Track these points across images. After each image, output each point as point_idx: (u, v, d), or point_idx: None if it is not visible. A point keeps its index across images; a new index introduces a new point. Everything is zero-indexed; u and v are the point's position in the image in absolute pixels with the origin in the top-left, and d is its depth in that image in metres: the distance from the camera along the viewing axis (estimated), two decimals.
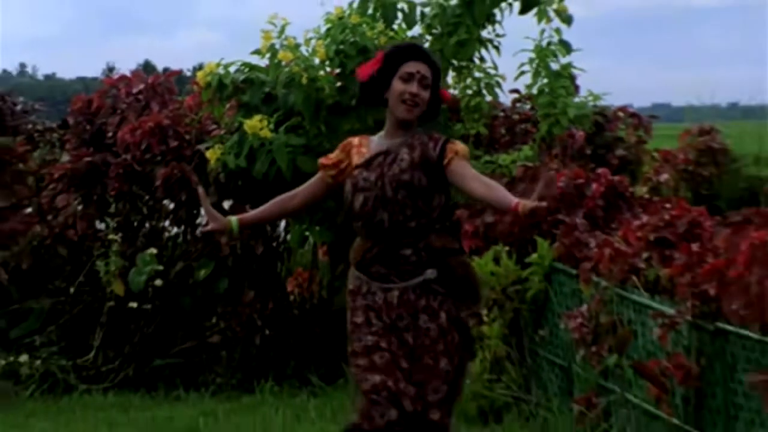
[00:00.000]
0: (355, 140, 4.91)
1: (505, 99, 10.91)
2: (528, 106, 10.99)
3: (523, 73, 10.07)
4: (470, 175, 4.78)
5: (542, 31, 9.93)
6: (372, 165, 4.73)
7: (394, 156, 4.72)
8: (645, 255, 7.07)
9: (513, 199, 4.50)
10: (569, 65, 9.93)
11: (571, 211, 8.25)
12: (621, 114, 11.43)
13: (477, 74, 10.03)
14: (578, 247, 7.83)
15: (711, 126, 11.74)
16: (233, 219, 5.01)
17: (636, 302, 6.89)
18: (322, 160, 4.98)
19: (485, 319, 8.26)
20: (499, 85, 10.16)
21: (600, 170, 8.77)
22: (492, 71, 10.08)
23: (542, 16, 9.77)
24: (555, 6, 9.76)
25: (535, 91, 10.07)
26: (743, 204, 10.25)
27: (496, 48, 10.03)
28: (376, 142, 4.85)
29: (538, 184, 4.39)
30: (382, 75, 4.73)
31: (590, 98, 10.26)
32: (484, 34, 9.94)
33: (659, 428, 6.64)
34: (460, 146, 4.82)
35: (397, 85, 4.66)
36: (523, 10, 9.83)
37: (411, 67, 4.67)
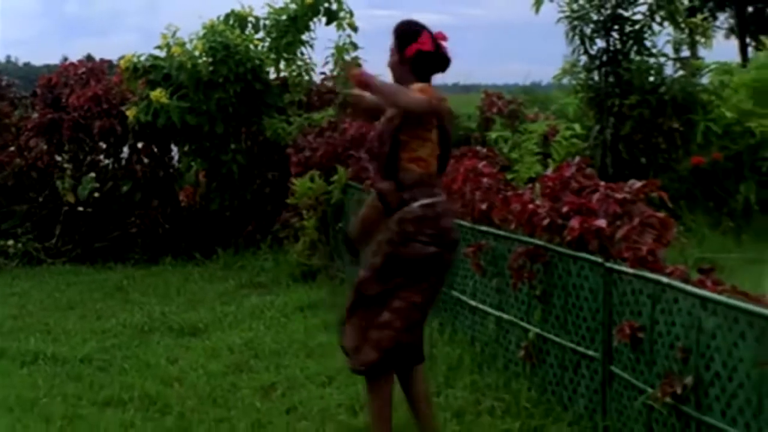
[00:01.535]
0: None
1: (317, 78, 12.57)
2: (331, 83, 12.38)
3: (328, 62, 12.30)
4: None
5: (339, 36, 12.17)
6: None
7: None
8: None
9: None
10: (357, 57, 12.01)
11: (359, 149, 9.66)
12: None
13: (299, 63, 12.29)
14: (363, 171, 9.03)
15: (443, 96, 13.50)
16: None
17: None
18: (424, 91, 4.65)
19: (304, 214, 9.88)
20: (313, 69, 12.42)
21: (376, 123, 10.98)
22: (309, 60, 12.38)
23: (339, 26, 12.14)
24: (347, 21, 12.07)
25: (335, 73, 12.26)
26: (461, 144, 11.18)
27: (311, 46, 12.34)
28: None
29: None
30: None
31: None
32: (304, 37, 12.21)
33: None
34: None
35: None
36: (328, 23, 12.16)
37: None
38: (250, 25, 12.17)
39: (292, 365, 6.93)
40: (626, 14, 10.95)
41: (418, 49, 4.67)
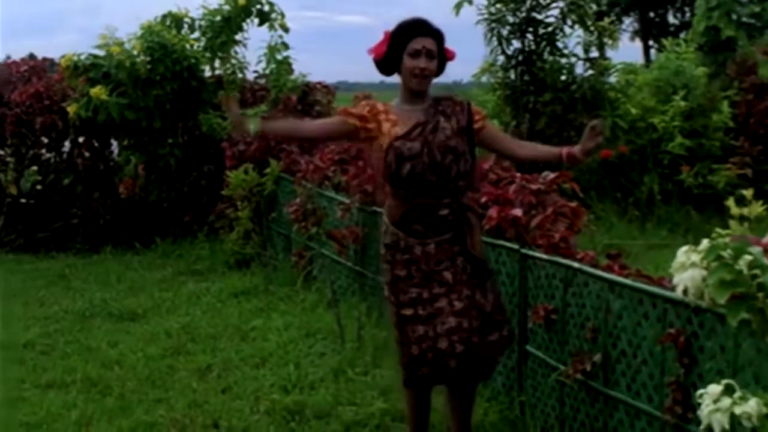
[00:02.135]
0: (379, 105, 4.42)
1: (250, 76, 12.30)
2: (263, 81, 12.13)
3: (260, 61, 12.06)
4: (506, 139, 4.56)
5: (271, 36, 11.98)
6: (412, 135, 4.27)
7: (434, 125, 4.29)
8: (333, 168, 8.04)
9: (558, 150, 4.41)
10: (288, 57, 11.97)
11: (290, 143, 9.27)
12: (318, 86, 12.28)
13: (233, 61, 12.04)
14: (294, 164, 9.00)
15: (369, 93, 12.33)
16: (254, 120, 4.48)
17: (327, 196, 7.82)
18: (342, 109, 4.51)
19: (239, 205, 9.72)
20: (246, 67, 12.15)
21: (306, 118, 9.19)
22: (242, 59, 12.12)
23: (271, 27, 11.92)
24: (279, 22, 11.91)
25: (268, 71, 12.04)
26: None
27: (245, 46, 12.08)
28: (399, 108, 4.37)
29: (586, 132, 4.25)
30: (393, 53, 4.29)
31: (300, 76, 11.96)
32: (238, 37, 11.98)
33: (341, 269, 7.70)
34: (482, 110, 4.48)
35: (408, 61, 4.25)
36: (261, 23, 11.92)
37: (417, 43, 4.26)
38: (186, 26, 12.03)
39: (228, 348, 6.93)
40: (540, 17, 11.09)
41: (373, 55, 4.49)
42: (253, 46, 12.21)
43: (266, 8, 11.98)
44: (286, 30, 12.12)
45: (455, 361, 4.33)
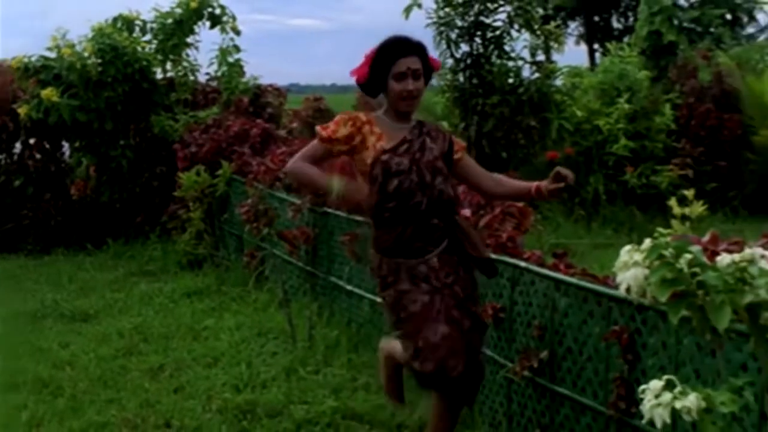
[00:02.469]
0: (362, 116, 4.19)
1: (202, 78, 12.25)
2: (215, 83, 12.17)
3: (212, 63, 12.12)
4: (482, 174, 4.36)
5: (223, 39, 12.02)
6: (400, 150, 4.09)
7: (420, 144, 4.13)
8: (284, 170, 7.10)
9: (528, 185, 4.23)
10: (239, 59, 12.00)
11: (242, 144, 9.67)
12: (269, 88, 12.32)
13: (185, 64, 11.99)
14: (246, 165, 8.99)
15: (320, 95, 13.08)
16: (335, 179, 4.11)
17: (279, 197, 7.88)
18: (327, 134, 4.14)
19: (191, 206, 9.69)
20: (198, 70, 12.14)
21: (258, 120, 10.53)
22: (194, 62, 12.10)
23: (223, 30, 11.95)
24: (230, 25, 11.92)
25: (219, 74, 12.07)
26: None
27: (197, 48, 12.08)
28: (384, 122, 4.18)
29: (551, 175, 4.12)
30: (377, 75, 4.11)
31: (252, 79, 12.00)
32: (190, 39, 11.97)
33: (292, 269, 7.77)
34: (461, 142, 4.37)
35: (394, 85, 4.07)
36: (212, 26, 11.96)
37: (401, 66, 4.06)
38: (137, 28, 11.97)
39: (180, 348, 6.89)
40: (488, 21, 11.13)
41: (355, 78, 4.28)
42: (204, 48, 12.21)
43: (218, 11, 11.98)
44: (237, 33, 12.12)
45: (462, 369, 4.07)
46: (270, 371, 6.12)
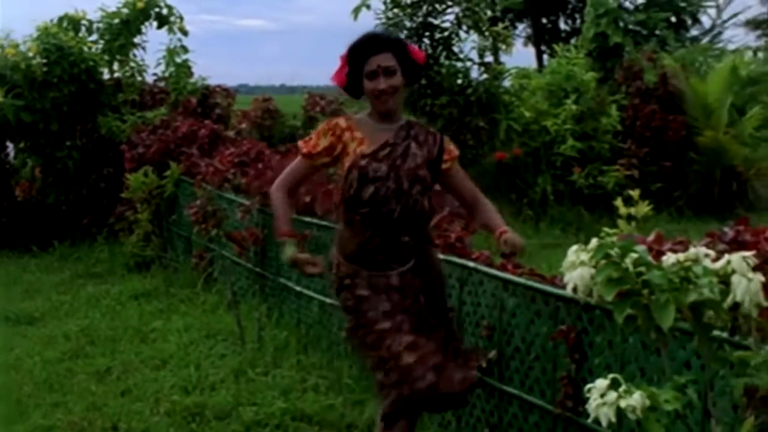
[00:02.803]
0: (342, 122, 4.01)
1: (149, 78, 12.20)
2: (163, 84, 12.12)
3: (160, 64, 12.08)
4: (466, 190, 4.20)
5: (170, 39, 11.98)
6: (380, 155, 3.91)
7: (404, 149, 3.95)
8: (232, 171, 8.10)
9: (495, 227, 4.04)
10: (187, 60, 12.03)
11: (190, 145, 9.61)
12: (218, 89, 12.45)
13: (132, 64, 11.95)
14: (194, 166, 8.97)
15: (269, 96, 13.30)
16: (289, 243, 3.98)
17: (228, 198, 7.87)
18: (307, 149, 4.01)
19: (138, 208, 9.63)
20: (145, 70, 12.09)
21: (206, 121, 10.48)
22: (141, 62, 12.05)
23: (170, 30, 11.91)
24: (178, 25, 11.87)
25: (167, 74, 12.05)
26: (288, 140, 12.29)
27: (144, 48, 12.05)
28: (367, 124, 4.01)
29: (504, 242, 3.93)
30: (353, 77, 3.97)
31: (200, 79, 12.05)
32: (137, 40, 11.93)
33: (241, 270, 7.68)
34: (455, 149, 4.16)
35: (367, 84, 3.92)
36: (159, 26, 11.90)
37: (371, 64, 3.89)
38: (83, 28, 11.89)
39: (127, 350, 6.83)
40: (436, 22, 11.19)
41: (336, 83, 4.13)
42: (152, 49, 12.40)
43: (165, 11, 11.93)
44: (185, 33, 12.09)
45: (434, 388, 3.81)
46: (219, 373, 6.07)
